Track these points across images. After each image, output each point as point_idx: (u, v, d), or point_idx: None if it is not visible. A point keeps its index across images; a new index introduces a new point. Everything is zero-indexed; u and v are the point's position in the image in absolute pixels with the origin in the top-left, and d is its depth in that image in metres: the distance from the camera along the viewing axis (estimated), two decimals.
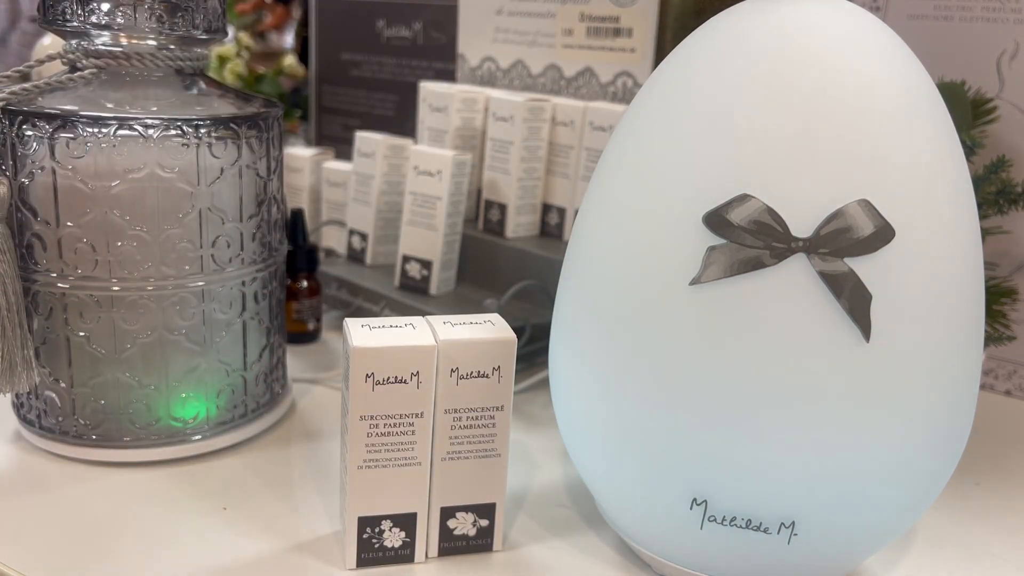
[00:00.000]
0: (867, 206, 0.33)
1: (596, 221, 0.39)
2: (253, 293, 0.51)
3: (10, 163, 0.45)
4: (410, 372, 0.38)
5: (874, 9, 0.63)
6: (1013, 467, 0.54)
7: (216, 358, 0.50)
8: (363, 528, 0.40)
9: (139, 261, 0.46)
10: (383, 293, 0.67)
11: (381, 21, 0.90)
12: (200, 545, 0.42)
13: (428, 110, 0.73)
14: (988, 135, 0.58)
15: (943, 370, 0.35)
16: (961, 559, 0.44)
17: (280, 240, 0.54)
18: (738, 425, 0.34)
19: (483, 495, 0.42)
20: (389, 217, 0.72)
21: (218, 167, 0.47)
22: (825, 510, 0.35)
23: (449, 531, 0.42)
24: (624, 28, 0.67)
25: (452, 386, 0.39)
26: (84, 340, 0.47)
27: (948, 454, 0.37)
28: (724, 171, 0.34)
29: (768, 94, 0.34)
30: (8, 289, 0.45)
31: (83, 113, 0.44)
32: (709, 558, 0.37)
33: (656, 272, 0.35)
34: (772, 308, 0.33)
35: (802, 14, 0.35)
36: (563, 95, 0.72)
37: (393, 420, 0.39)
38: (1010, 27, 0.59)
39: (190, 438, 0.50)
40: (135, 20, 0.46)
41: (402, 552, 0.41)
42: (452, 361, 0.39)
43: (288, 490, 0.47)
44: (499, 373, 0.40)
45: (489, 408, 0.40)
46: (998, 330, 0.55)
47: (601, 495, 0.41)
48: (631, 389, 0.36)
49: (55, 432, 0.49)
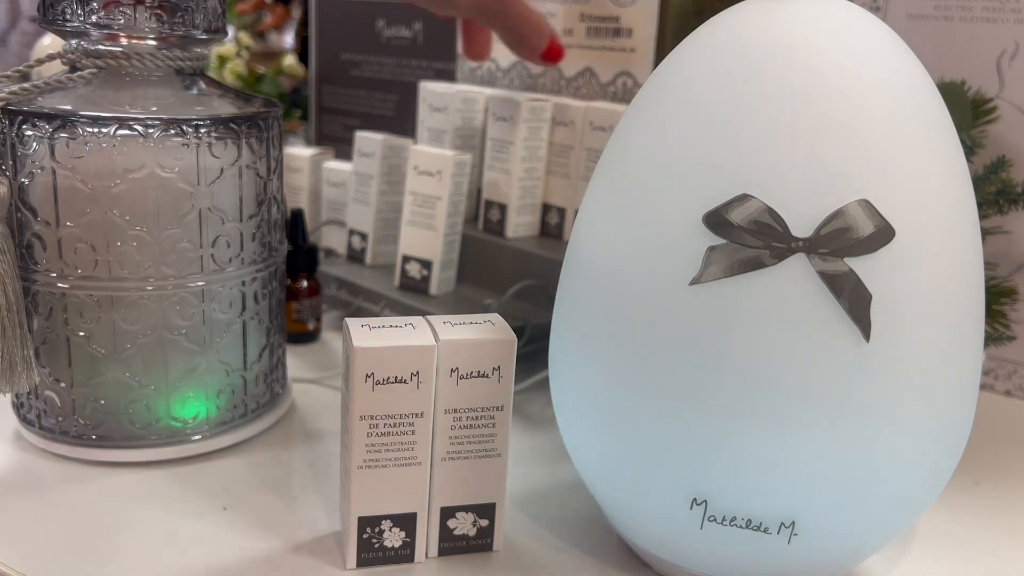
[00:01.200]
0: (867, 206, 0.33)
1: (596, 221, 0.39)
2: (253, 293, 0.51)
3: (10, 163, 0.45)
4: (410, 372, 0.38)
5: (874, 9, 0.63)
6: (1013, 467, 0.54)
7: (216, 358, 0.50)
8: (363, 528, 0.40)
9: (139, 261, 0.46)
10: (383, 293, 0.67)
11: (381, 21, 0.90)
12: (200, 545, 0.42)
13: (428, 110, 0.73)
14: (988, 135, 0.58)
15: (943, 370, 0.35)
16: (961, 559, 0.44)
17: (280, 240, 0.54)
18: (738, 425, 0.34)
19: (483, 495, 0.42)
20: (389, 217, 0.72)
21: (218, 167, 0.47)
22: (825, 510, 0.35)
23: (449, 531, 0.42)
24: (624, 28, 0.67)
25: (452, 386, 0.39)
26: (84, 340, 0.47)
27: (948, 454, 0.37)
28: (724, 171, 0.34)
29: (768, 94, 0.34)
30: (8, 289, 0.45)
31: (83, 113, 0.44)
32: (709, 558, 0.37)
33: (656, 272, 0.35)
34: (772, 308, 0.33)
35: (802, 14, 0.35)
36: (563, 95, 0.72)
37: (393, 420, 0.39)
38: (1010, 27, 0.59)
39: (190, 438, 0.50)
40: (135, 20, 0.46)
41: (402, 552, 0.41)
42: (452, 361, 0.39)
43: (288, 490, 0.47)
44: (499, 373, 0.40)
45: (489, 408, 0.40)
46: (998, 330, 0.55)
47: (601, 495, 0.41)
48: (631, 389, 0.36)
49: (55, 432, 0.49)
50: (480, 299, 0.66)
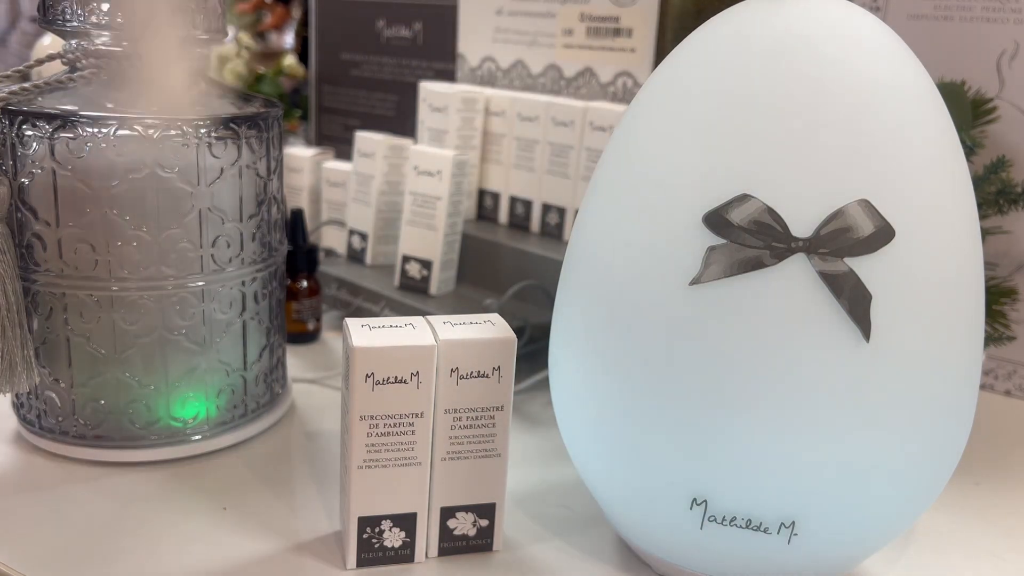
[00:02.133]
0: (867, 206, 0.33)
1: (596, 221, 0.39)
2: (253, 293, 0.51)
3: (10, 163, 0.45)
4: (410, 372, 0.38)
5: (874, 9, 0.63)
6: (1013, 467, 0.54)
7: (216, 358, 0.50)
8: (363, 528, 0.40)
9: (139, 261, 0.46)
10: (383, 293, 0.67)
11: (381, 21, 0.90)
12: (200, 545, 0.42)
13: (428, 110, 0.73)
14: (988, 135, 0.58)
15: (943, 370, 0.35)
16: (961, 559, 0.44)
17: (280, 240, 0.54)
18: (738, 425, 0.34)
19: (483, 495, 0.42)
20: (389, 217, 0.72)
21: (218, 167, 0.47)
22: (825, 510, 0.35)
23: (449, 531, 0.42)
24: (624, 28, 0.67)
25: (452, 386, 0.39)
26: (84, 340, 0.47)
27: (948, 454, 0.37)
28: (724, 171, 0.34)
29: (768, 94, 0.34)
30: (8, 289, 0.45)
31: (83, 113, 0.44)
32: (709, 558, 0.37)
33: (656, 272, 0.35)
34: (772, 308, 0.33)
35: (802, 14, 0.35)
36: (563, 95, 0.72)
37: (393, 420, 0.39)
38: (1010, 27, 0.59)
39: (190, 438, 0.50)
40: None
41: (402, 552, 0.41)
42: (452, 361, 0.39)
43: (288, 490, 0.47)
44: (499, 373, 0.40)
45: (489, 408, 0.40)
46: (998, 330, 0.55)
47: (601, 495, 0.41)
48: (631, 389, 0.36)
49: (55, 432, 0.49)
50: (480, 299, 0.66)
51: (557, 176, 0.68)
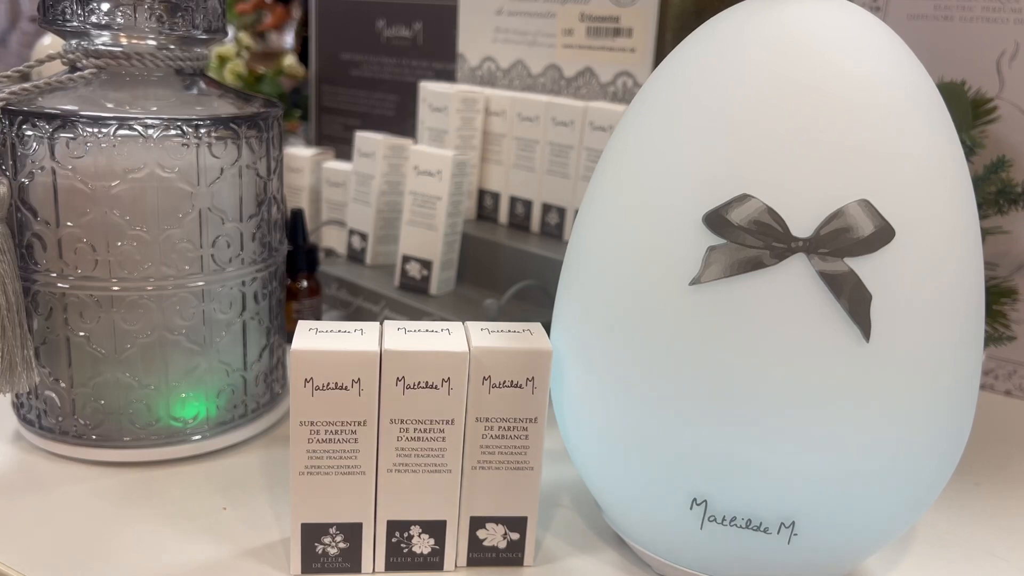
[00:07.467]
0: (867, 206, 0.33)
1: (596, 221, 0.39)
2: (253, 293, 0.51)
3: (10, 163, 0.45)
4: (441, 378, 0.38)
5: (874, 9, 0.63)
6: (1013, 467, 0.54)
7: (216, 358, 0.50)
8: (392, 532, 0.40)
9: (139, 261, 0.46)
10: (383, 293, 0.67)
11: (381, 21, 0.90)
12: (200, 545, 0.42)
13: (428, 110, 0.73)
14: (988, 135, 0.58)
15: (943, 370, 0.35)
16: (961, 559, 0.44)
17: (280, 240, 0.54)
18: (738, 425, 0.34)
19: (514, 507, 0.41)
20: (389, 217, 0.72)
21: (218, 167, 0.47)
22: (825, 510, 0.35)
23: (478, 541, 0.41)
24: (624, 28, 0.67)
25: (484, 394, 0.39)
26: (84, 340, 0.47)
27: (948, 454, 0.37)
28: (724, 171, 0.34)
29: (768, 94, 0.34)
30: (8, 289, 0.45)
31: (83, 113, 0.44)
32: (709, 558, 0.37)
33: (656, 272, 0.35)
34: (772, 308, 0.33)
35: (802, 14, 0.35)
36: (563, 95, 0.72)
37: (424, 426, 0.39)
38: (1010, 27, 0.59)
39: (190, 438, 0.50)
40: (135, 20, 0.46)
41: (431, 559, 0.41)
42: (484, 369, 0.38)
43: (288, 490, 0.47)
44: (533, 384, 0.39)
45: (522, 419, 0.39)
46: (998, 330, 0.55)
47: (601, 495, 0.41)
48: (631, 389, 0.36)
49: (55, 432, 0.49)
50: (480, 299, 0.66)
51: (557, 176, 0.68)
